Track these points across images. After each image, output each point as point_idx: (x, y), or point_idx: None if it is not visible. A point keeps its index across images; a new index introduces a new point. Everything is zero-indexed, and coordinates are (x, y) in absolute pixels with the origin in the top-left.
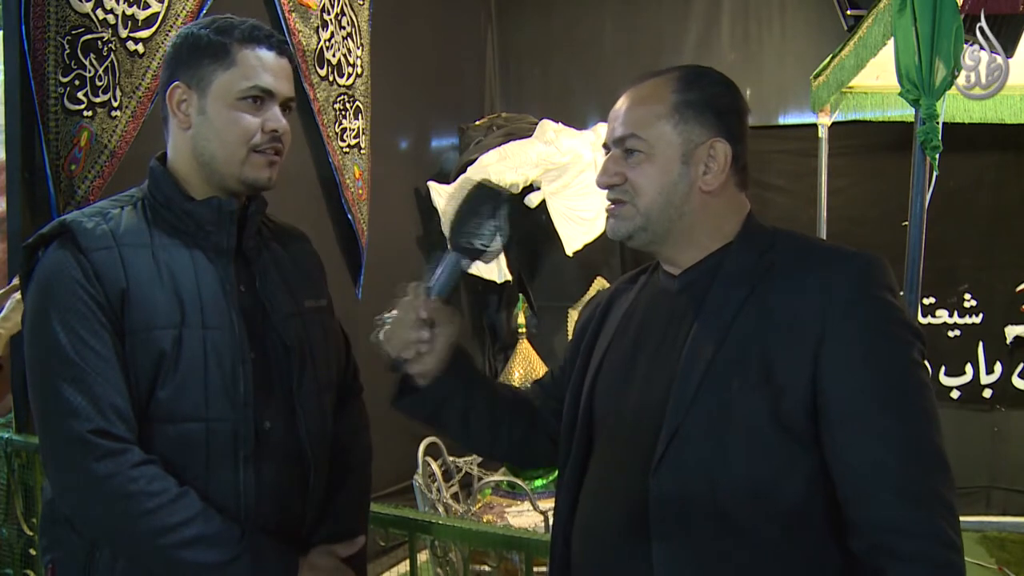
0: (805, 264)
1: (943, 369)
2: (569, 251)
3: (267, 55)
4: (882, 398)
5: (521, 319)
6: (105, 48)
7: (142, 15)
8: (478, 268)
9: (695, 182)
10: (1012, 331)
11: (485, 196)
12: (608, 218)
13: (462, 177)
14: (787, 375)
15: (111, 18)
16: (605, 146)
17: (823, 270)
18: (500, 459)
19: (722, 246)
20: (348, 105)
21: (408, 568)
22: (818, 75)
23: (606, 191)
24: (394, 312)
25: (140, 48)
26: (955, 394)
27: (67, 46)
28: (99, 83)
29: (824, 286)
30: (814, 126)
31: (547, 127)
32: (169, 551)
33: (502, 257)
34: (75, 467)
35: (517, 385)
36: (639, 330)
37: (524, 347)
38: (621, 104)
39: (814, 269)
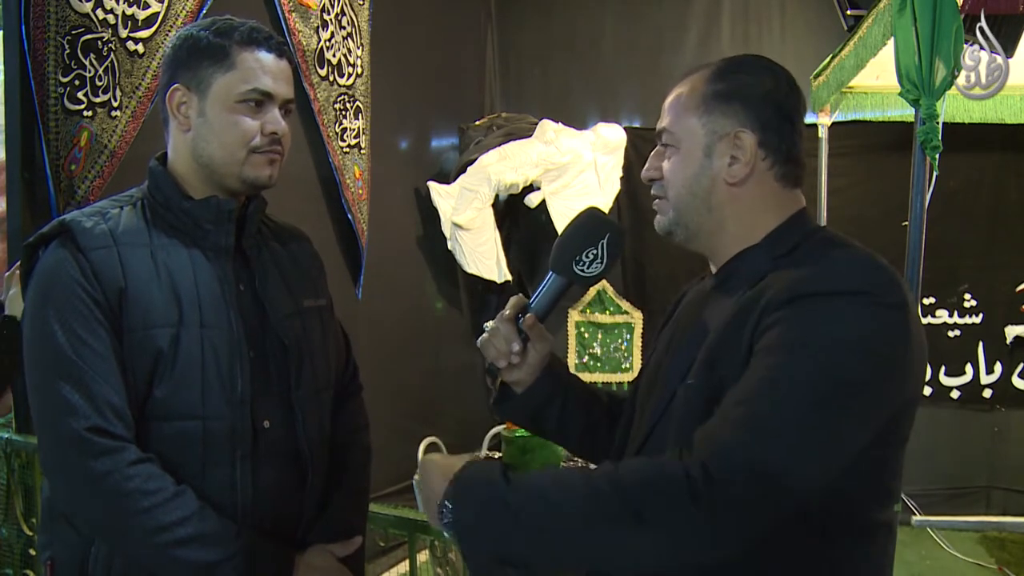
0: (797, 263)
1: (943, 369)
2: None
3: (267, 57)
4: (772, 368)
5: None
6: (105, 48)
7: (142, 15)
8: (478, 268)
9: (719, 175)
10: (1012, 331)
11: (590, 223)
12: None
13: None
14: (726, 366)
15: (111, 18)
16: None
17: (801, 268)
18: (594, 460)
19: (751, 245)
20: (348, 105)
21: (408, 568)
22: (818, 75)
23: (651, 188)
24: (492, 322)
25: (140, 48)
26: (955, 394)
27: (67, 46)
28: (99, 83)
29: (788, 282)
30: (814, 126)
31: (547, 127)
32: (164, 549)
33: (502, 257)
34: (72, 465)
35: None
36: (674, 329)
37: None
38: (667, 97)
39: (797, 267)
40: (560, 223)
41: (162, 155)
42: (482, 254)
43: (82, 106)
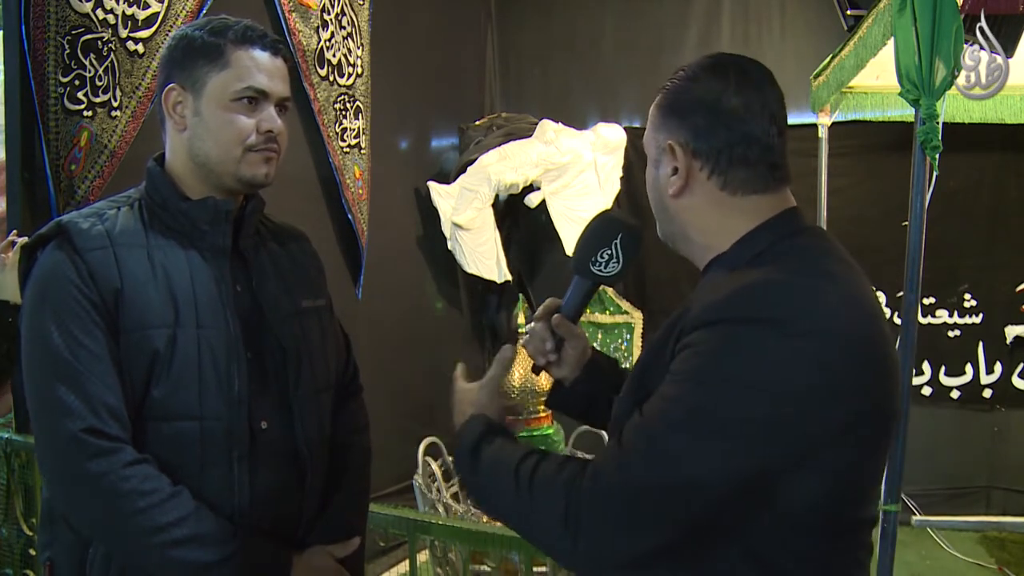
0: (729, 280)
1: (943, 369)
2: (569, 251)
3: (261, 55)
4: (663, 400)
5: (521, 319)
6: (105, 48)
7: (142, 15)
8: (478, 268)
9: (664, 187)
10: (1012, 331)
11: (601, 226)
12: None
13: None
14: (652, 384)
15: (111, 18)
16: None
17: (721, 289)
18: None
19: (722, 253)
20: (348, 105)
21: (408, 568)
22: (818, 75)
23: None
24: (532, 324)
25: (140, 48)
26: (955, 394)
27: (67, 46)
28: (99, 83)
29: (704, 305)
30: (814, 126)
31: (547, 127)
32: (161, 550)
33: (502, 257)
34: (68, 466)
35: (517, 386)
36: None
37: None
38: None
39: (721, 286)
40: (560, 223)
41: (160, 156)
42: (482, 254)
43: (82, 106)
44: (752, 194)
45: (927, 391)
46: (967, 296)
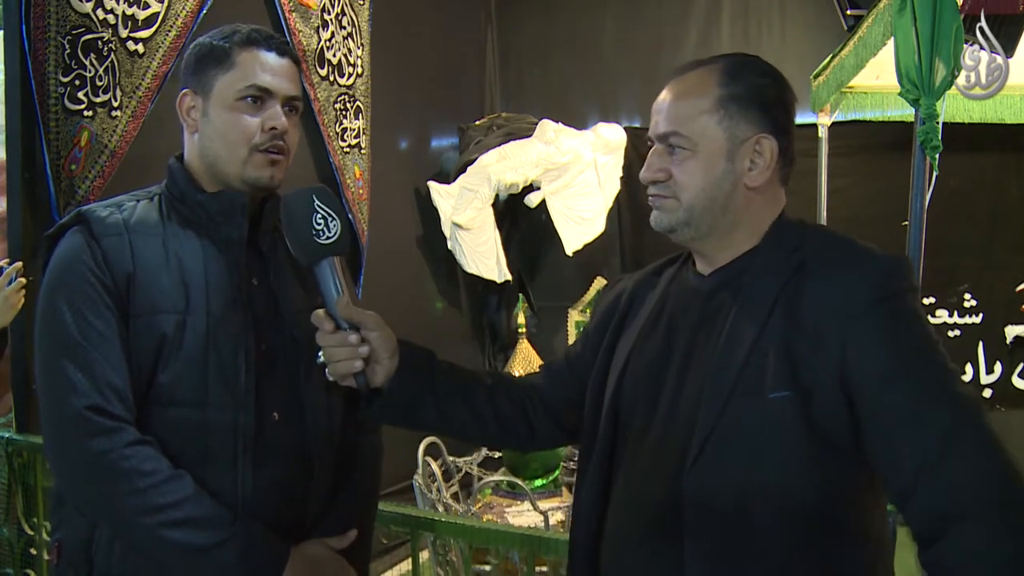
0: (831, 264)
1: None
2: (569, 251)
3: (267, 56)
4: (913, 385)
5: (521, 319)
6: (105, 48)
7: (142, 15)
8: (477, 268)
9: (740, 178)
10: (1012, 331)
11: (293, 203)
12: (652, 210)
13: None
14: (814, 377)
15: (111, 18)
16: (649, 140)
17: (847, 270)
18: (492, 446)
19: (754, 246)
20: (348, 105)
21: (410, 567)
22: (818, 75)
23: (649, 186)
24: (320, 352)
25: (140, 48)
26: None
27: (67, 46)
28: (99, 83)
29: (847, 287)
30: (814, 126)
31: (547, 127)
32: (156, 530)
33: (502, 256)
34: (70, 443)
35: None
36: (668, 331)
37: (524, 347)
38: (664, 97)
39: (839, 270)
40: (560, 223)
41: (179, 155)
42: (482, 254)
43: (82, 106)
44: (785, 185)
45: None
46: (967, 296)
